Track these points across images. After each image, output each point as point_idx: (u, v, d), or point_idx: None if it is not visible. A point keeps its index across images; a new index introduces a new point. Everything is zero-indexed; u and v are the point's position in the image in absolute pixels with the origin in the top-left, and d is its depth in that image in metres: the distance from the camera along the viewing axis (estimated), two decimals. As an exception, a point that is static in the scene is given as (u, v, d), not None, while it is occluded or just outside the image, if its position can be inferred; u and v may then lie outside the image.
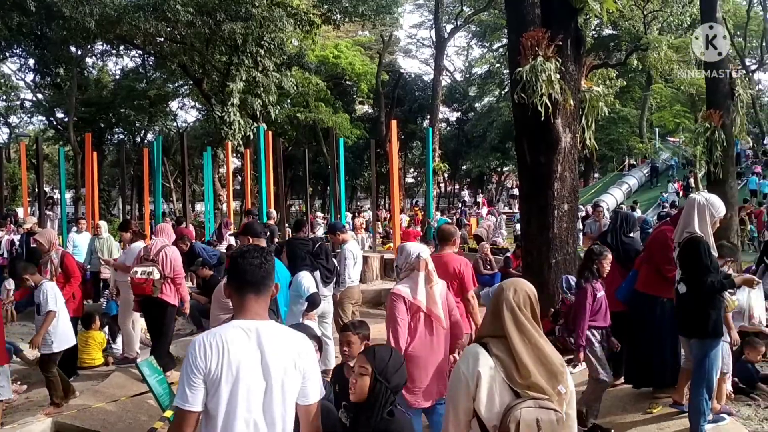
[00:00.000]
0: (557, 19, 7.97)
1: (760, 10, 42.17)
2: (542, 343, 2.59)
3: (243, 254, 2.65)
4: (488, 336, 2.64)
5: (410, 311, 4.38)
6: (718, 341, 4.68)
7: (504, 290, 2.67)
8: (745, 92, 14.32)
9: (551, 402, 2.50)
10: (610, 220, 6.97)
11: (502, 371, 2.52)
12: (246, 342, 2.49)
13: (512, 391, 2.50)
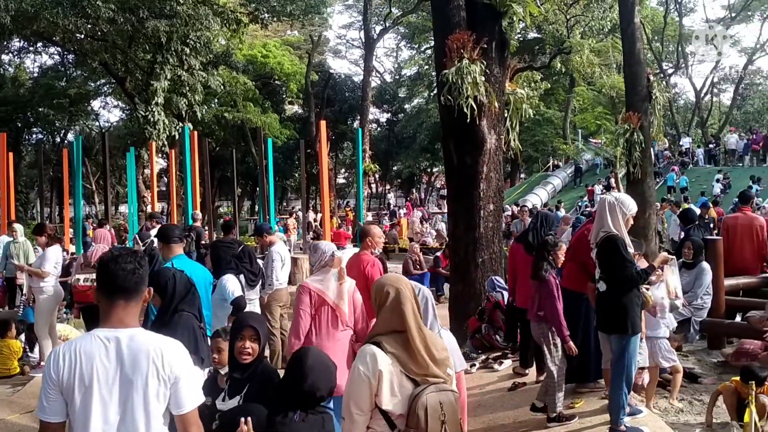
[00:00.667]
0: (482, 22, 8.08)
1: (677, 16, 43.95)
2: (429, 333, 2.87)
3: (115, 259, 2.53)
4: (381, 334, 2.79)
5: (315, 304, 4.64)
6: (637, 337, 4.83)
7: (398, 288, 2.83)
8: (662, 95, 14.87)
9: (447, 384, 2.76)
10: (531, 220, 7.12)
11: (399, 365, 2.70)
12: (103, 353, 2.42)
13: (412, 381, 2.71)
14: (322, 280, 4.77)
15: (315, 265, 4.92)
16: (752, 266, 8.29)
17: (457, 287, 8.56)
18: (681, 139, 38.29)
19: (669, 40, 44.24)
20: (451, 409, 2.70)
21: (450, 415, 2.69)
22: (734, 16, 45.70)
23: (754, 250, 8.29)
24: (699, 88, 47.81)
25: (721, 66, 50.23)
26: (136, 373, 2.43)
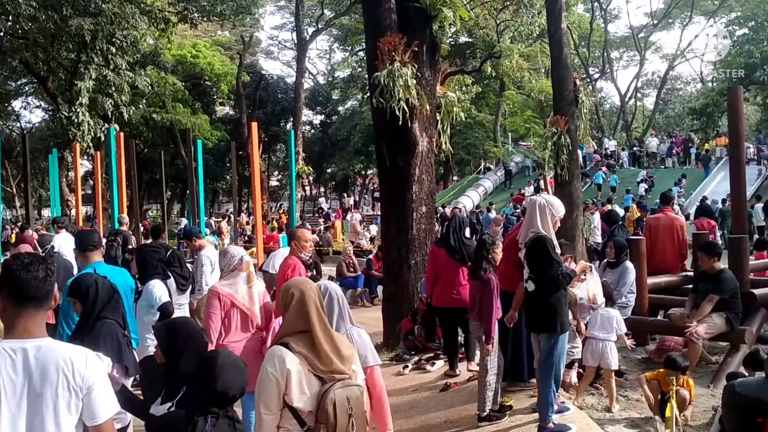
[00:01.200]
0: (413, 26, 8.12)
1: (602, 22, 45.34)
2: (334, 332, 3.07)
3: (26, 266, 2.40)
4: (289, 335, 2.93)
5: (225, 308, 4.85)
6: (565, 336, 4.93)
7: (302, 290, 2.98)
8: (588, 99, 15.28)
9: (352, 380, 2.92)
10: (448, 223, 7.21)
11: (306, 364, 2.84)
12: (9, 365, 2.30)
13: (319, 379, 2.85)
14: (231, 284, 4.95)
15: (224, 269, 5.07)
16: (673, 265, 8.58)
17: (390, 289, 8.57)
18: (607, 142, 39.47)
19: (595, 46, 45.63)
20: (357, 403, 2.87)
21: (356, 409, 2.86)
22: (656, 23, 47.48)
23: (675, 250, 8.59)
24: (623, 92, 49.57)
25: (644, 71, 52.21)
26: (45, 385, 2.32)
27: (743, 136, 10.29)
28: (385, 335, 8.39)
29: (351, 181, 54.75)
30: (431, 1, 7.88)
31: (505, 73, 25.87)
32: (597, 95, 48.41)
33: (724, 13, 42.02)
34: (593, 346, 5.78)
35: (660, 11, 46.74)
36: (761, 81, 32.84)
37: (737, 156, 9.87)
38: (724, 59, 36.73)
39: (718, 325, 6.45)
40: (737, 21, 36.83)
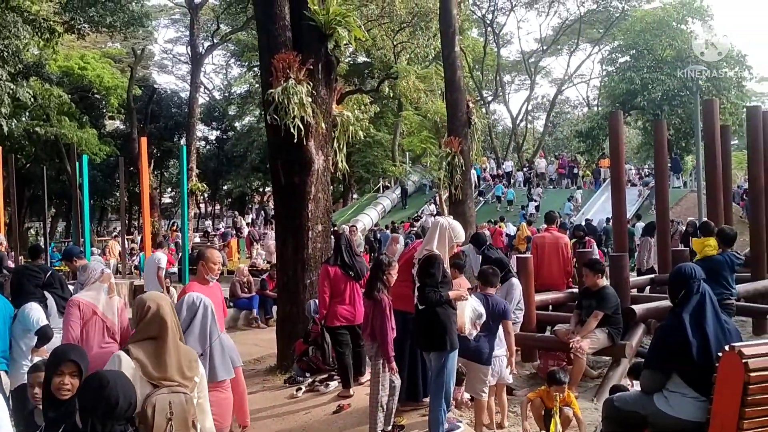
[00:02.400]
0: (308, 44, 8.08)
1: (495, 47, 46.97)
2: (183, 345, 3.31)
3: None
4: (136, 342, 3.18)
5: (85, 317, 4.92)
6: (455, 354, 4.98)
7: (159, 303, 3.23)
8: (480, 121, 15.76)
9: (182, 387, 3.10)
10: (337, 242, 7.19)
11: (140, 370, 3.06)
12: None
13: (151, 384, 3.06)
14: (92, 294, 5.05)
15: (85, 282, 5.16)
16: (559, 282, 8.92)
17: (285, 309, 8.44)
18: (504, 163, 40.75)
19: (488, 69, 47.13)
20: (180, 409, 3.03)
21: (178, 414, 3.01)
22: (545, 49, 49.66)
23: (561, 267, 8.92)
24: (515, 115, 51.42)
25: (534, 95, 54.41)
26: None
27: (623, 158, 10.88)
28: (279, 357, 8.24)
29: (248, 199, 53.85)
30: (326, 20, 7.87)
31: (403, 94, 26.24)
32: (490, 117, 50.01)
33: (608, 41, 44.42)
34: (493, 365, 5.86)
35: (549, 38, 48.94)
36: (642, 106, 34.84)
37: (618, 177, 10.43)
38: (608, 85, 38.81)
39: (601, 340, 6.72)
40: (620, 49, 38.96)
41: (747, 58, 36.02)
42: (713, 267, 7.38)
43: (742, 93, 36.07)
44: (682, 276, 3.87)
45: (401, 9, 25.44)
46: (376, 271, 5.64)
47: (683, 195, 28.29)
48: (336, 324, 6.72)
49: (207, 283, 5.30)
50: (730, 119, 31.05)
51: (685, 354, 3.63)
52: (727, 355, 3.31)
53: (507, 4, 46.17)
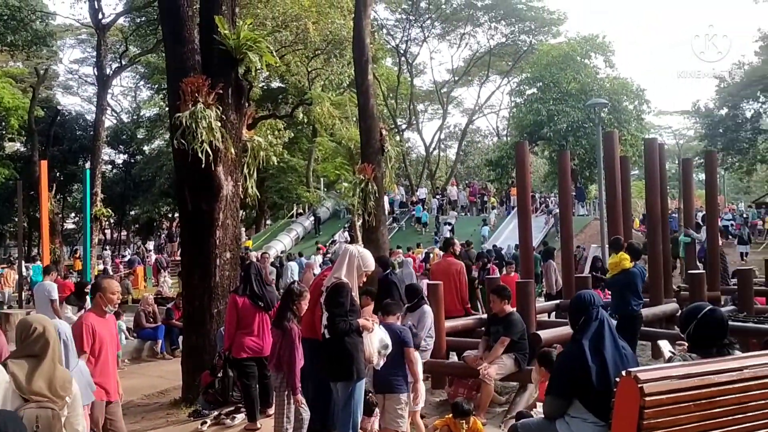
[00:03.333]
0: (218, 68, 7.96)
1: (409, 76, 47.79)
2: (60, 367, 3.46)
3: None
4: (15, 358, 3.35)
5: None
6: (362, 383, 4.93)
7: (44, 326, 3.40)
8: (393, 148, 15.89)
9: (51, 404, 3.24)
10: (244, 271, 7.06)
11: (14, 383, 3.21)
12: None
13: (22, 398, 3.21)
14: None
15: None
16: (456, 308, 9.06)
17: (191, 339, 8.20)
18: (418, 190, 41.28)
19: (402, 98, 47.86)
20: (46, 423, 3.20)
21: (43, 428, 3.19)
22: (457, 80, 50.90)
23: (454, 294, 9.06)
24: (428, 143, 52.32)
25: (447, 124, 55.57)
26: None
27: (529, 186, 11.20)
28: (184, 389, 7.96)
29: (156, 225, 52.31)
30: (237, 44, 7.78)
31: (317, 120, 26.26)
32: (404, 145, 50.67)
33: (517, 73, 45.96)
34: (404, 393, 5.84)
35: (461, 69, 50.21)
36: (548, 137, 36.10)
37: (524, 205, 10.71)
38: (516, 116, 40.05)
39: (508, 365, 6.82)
40: (527, 81, 40.32)
41: (645, 92, 38.09)
42: (631, 279, 8.12)
43: (642, 125, 37.98)
44: (582, 303, 3.97)
45: (315, 36, 25.55)
46: (286, 300, 5.55)
47: (587, 222, 29.36)
48: (243, 355, 6.54)
49: (104, 314, 5.07)
50: (631, 150, 32.58)
51: (584, 380, 3.72)
52: (624, 380, 3.40)
53: (420, 35, 47.17)
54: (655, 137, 28.72)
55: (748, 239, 27.53)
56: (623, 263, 8.33)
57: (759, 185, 54.90)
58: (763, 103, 39.04)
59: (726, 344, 3.91)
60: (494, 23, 45.85)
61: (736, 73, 39.20)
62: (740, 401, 3.62)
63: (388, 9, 44.03)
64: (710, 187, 12.50)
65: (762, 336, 7.25)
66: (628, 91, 37.02)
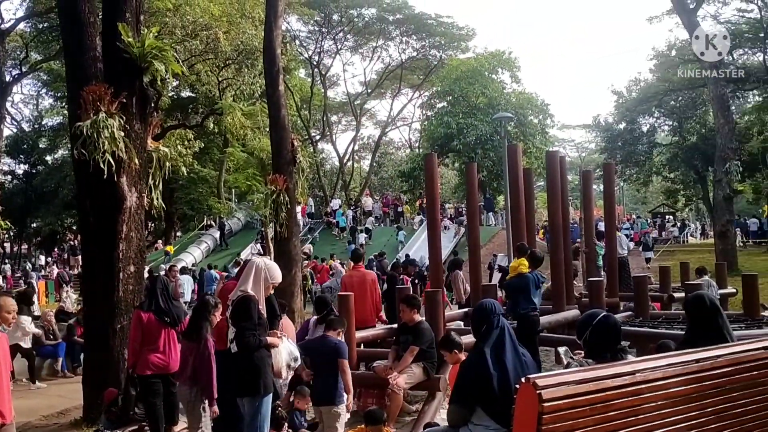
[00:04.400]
0: (122, 76, 7.76)
1: (322, 87, 47.79)
2: None
3: None
4: None
5: None
6: (269, 398, 4.88)
7: None
8: (305, 160, 15.83)
9: None
10: (150, 285, 6.88)
11: None
12: None
13: None
14: None
15: None
16: (370, 318, 9.14)
17: (93, 356, 7.92)
18: (332, 201, 41.25)
19: (316, 109, 47.79)
20: None
21: None
22: (370, 93, 51.28)
23: (370, 304, 9.15)
24: (342, 154, 52.41)
25: (360, 136, 55.84)
26: None
27: (438, 198, 11.41)
28: (86, 409, 7.68)
29: (60, 238, 50.07)
30: (141, 53, 7.60)
31: (228, 130, 25.90)
32: (318, 156, 50.55)
33: (428, 87, 46.75)
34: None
35: (373, 81, 50.63)
36: (458, 149, 36.85)
37: (433, 216, 10.90)
38: (427, 128, 40.67)
39: (417, 374, 6.90)
40: (438, 95, 41.08)
41: (549, 107, 39.52)
42: (523, 283, 8.54)
43: (546, 138, 39.34)
44: (484, 311, 4.07)
45: (226, 46, 25.23)
46: (202, 312, 5.46)
47: (495, 232, 30.10)
48: (147, 373, 6.34)
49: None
50: (536, 162, 33.69)
51: (486, 388, 3.81)
52: (523, 387, 3.49)
53: (333, 47, 47.30)
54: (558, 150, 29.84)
55: (651, 246, 29.22)
56: (521, 268, 8.78)
57: (655, 196, 57.83)
58: (657, 119, 41.21)
59: (619, 349, 4.08)
60: (405, 37, 46.53)
61: (633, 89, 41.27)
62: (633, 404, 3.78)
63: (300, 21, 43.94)
64: (608, 197, 13.07)
65: (656, 340, 7.62)
66: (533, 106, 38.32)
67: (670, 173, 42.24)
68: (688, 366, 3.71)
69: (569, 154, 68.44)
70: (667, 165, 40.96)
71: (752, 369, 3.86)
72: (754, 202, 41.71)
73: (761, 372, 3.88)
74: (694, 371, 3.72)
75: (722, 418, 3.79)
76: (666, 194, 48.40)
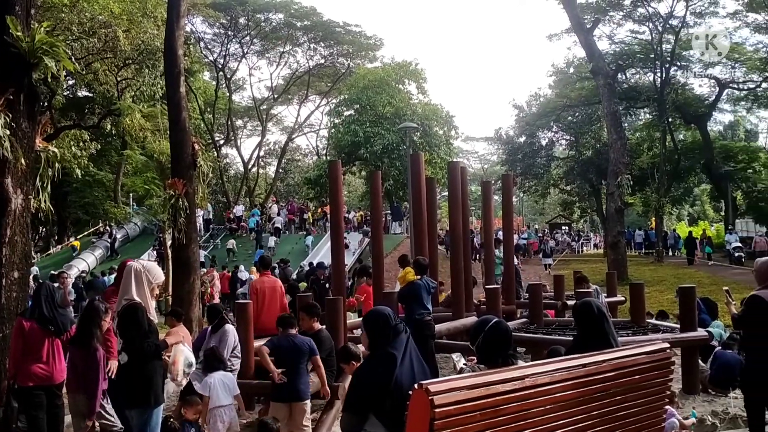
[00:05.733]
0: (8, 72, 7.36)
1: (227, 91, 46.97)
2: None
3: None
4: None
5: None
6: (160, 409, 4.73)
7: None
8: (206, 164, 15.48)
9: None
10: (34, 292, 6.56)
11: None
12: None
13: None
14: None
15: None
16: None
17: (-29, 368, 7.41)
18: (235, 207, 40.52)
19: (221, 113, 46.90)
20: None
21: None
22: (276, 98, 50.82)
23: (278, 311, 9.03)
24: (247, 160, 51.60)
25: (266, 141, 55.20)
26: None
27: (342, 205, 11.42)
28: (-40, 424, 7.17)
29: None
30: (30, 48, 7.23)
31: (127, 132, 25.00)
32: (222, 161, 49.60)
33: (335, 95, 46.79)
34: (223, 415, 5.75)
35: (280, 87, 50.22)
36: (365, 157, 37.07)
37: (336, 223, 10.89)
38: (335, 136, 40.71)
39: (316, 382, 6.84)
40: (345, 103, 41.19)
41: (454, 118, 40.40)
42: (415, 290, 8.73)
43: (450, 149, 40.18)
44: (378, 318, 4.08)
45: (126, 45, 24.34)
46: (92, 318, 5.23)
47: (401, 240, 30.42)
48: (29, 384, 5.99)
49: None
50: (440, 173, 34.30)
51: (379, 394, 3.82)
52: (416, 393, 3.51)
53: (239, 51, 46.58)
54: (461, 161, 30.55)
55: (551, 253, 30.55)
56: (408, 276, 9.07)
57: (552, 207, 60.09)
58: (555, 133, 42.85)
59: (510, 354, 4.18)
60: (313, 44, 46.48)
61: (533, 104, 42.78)
62: (522, 408, 3.87)
63: (206, 23, 43.12)
64: (506, 207, 13.46)
65: (549, 346, 7.88)
66: (438, 117, 39.05)
67: (566, 186, 44.00)
68: (575, 371, 3.82)
69: (473, 166, 70.17)
70: (564, 178, 42.64)
71: (635, 373, 4.03)
72: (644, 215, 44.06)
73: (643, 376, 4.05)
74: (580, 376, 3.83)
75: (606, 421, 3.93)
76: (563, 206, 50.39)
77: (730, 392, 7.96)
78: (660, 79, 33.42)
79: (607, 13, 32.44)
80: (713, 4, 32.23)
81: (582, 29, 27.28)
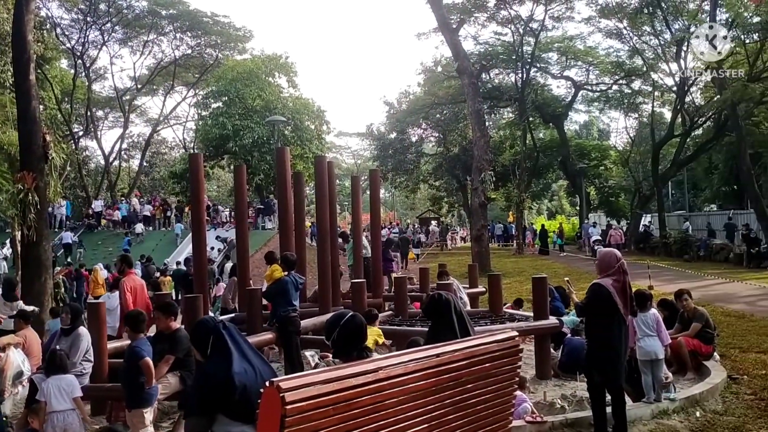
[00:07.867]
0: None
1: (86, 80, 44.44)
2: None
3: None
4: None
5: None
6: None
7: None
8: (59, 156, 14.61)
9: None
10: None
11: None
12: None
13: None
14: None
15: None
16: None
17: None
18: (94, 202, 38.50)
19: (80, 103, 44.35)
20: None
21: None
22: (140, 88, 48.67)
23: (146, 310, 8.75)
24: (108, 152, 49.07)
25: (129, 133, 52.78)
26: None
27: (203, 200, 11.11)
28: None
29: None
30: None
31: (-29, 122, 23.12)
32: (81, 153, 46.96)
33: (203, 86, 45.44)
34: (55, 420, 5.48)
35: (144, 77, 48.16)
36: (234, 151, 36.30)
37: (198, 219, 10.59)
38: (202, 128, 39.53)
39: (173, 384, 6.62)
40: (213, 95, 40.11)
41: (326, 113, 40.39)
42: (283, 286, 8.65)
43: (322, 144, 40.17)
44: (205, 327, 4.03)
45: (-29, 28, 22.54)
46: None
47: (272, 236, 30.04)
48: None
49: None
50: (312, 168, 34.20)
51: (223, 394, 3.75)
52: (267, 390, 3.47)
53: (99, 39, 44.24)
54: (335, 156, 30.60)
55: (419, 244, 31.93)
56: (275, 274, 9.06)
57: (422, 202, 61.54)
58: (425, 130, 43.93)
59: (364, 347, 4.21)
60: (179, 34, 44.98)
61: (403, 101, 43.59)
62: (375, 401, 3.91)
63: (63, 7, 40.67)
64: (374, 201, 13.59)
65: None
66: (309, 111, 38.90)
67: (435, 181, 45.21)
68: (428, 360, 3.90)
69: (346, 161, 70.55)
70: (432, 174, 43.79)
71: (485, 361, 4.17)
72: (506, 209, 46.07)
73: (493, 363, 4.20)
74: (433, 365, 3.91)
75: (459, 409, 4.04)
76: (432, 201, 51.73)
77: (578, 376, 8.43)
78: (521, 79, 35.04)
79: (472, 14, 33.56)
80: (570, 9, 34.16)
81: (448, 29, 28.01)
